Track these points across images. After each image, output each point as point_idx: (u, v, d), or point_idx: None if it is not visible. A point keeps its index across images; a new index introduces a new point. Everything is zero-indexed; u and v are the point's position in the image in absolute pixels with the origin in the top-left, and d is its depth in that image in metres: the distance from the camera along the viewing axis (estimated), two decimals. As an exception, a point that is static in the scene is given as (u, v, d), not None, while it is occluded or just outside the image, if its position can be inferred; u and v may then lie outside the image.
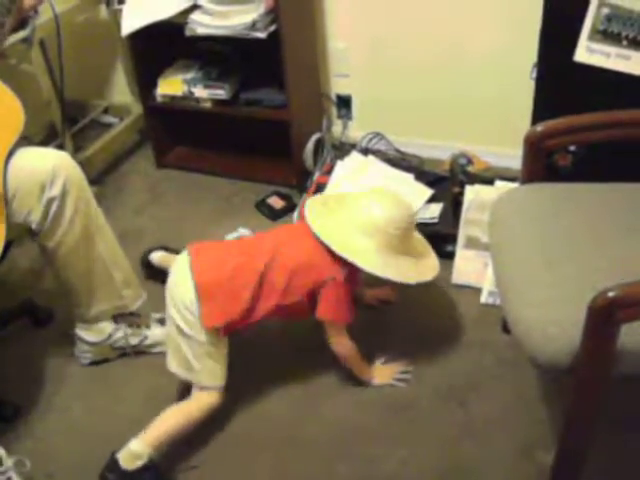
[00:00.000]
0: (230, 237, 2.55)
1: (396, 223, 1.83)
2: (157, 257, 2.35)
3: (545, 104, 2.11)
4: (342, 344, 1.92)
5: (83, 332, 2.07)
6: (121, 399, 1.99)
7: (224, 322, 1.77)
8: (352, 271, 1.85)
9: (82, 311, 2.03)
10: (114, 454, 1.72)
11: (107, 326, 2.06)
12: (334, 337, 1.91)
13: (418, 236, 2.04)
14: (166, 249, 2.39)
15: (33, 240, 1.91)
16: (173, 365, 1.85)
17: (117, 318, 2.08)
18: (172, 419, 1.78)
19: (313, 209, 1.92)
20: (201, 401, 1.83)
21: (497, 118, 2.75)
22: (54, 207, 1.83)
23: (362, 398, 1.98)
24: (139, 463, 1.71)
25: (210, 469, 1.83)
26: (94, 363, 2.12)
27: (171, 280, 1.85)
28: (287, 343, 2.16)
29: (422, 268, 1.94)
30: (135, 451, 1.71)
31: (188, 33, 2.55)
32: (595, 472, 1.67)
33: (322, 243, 1.83)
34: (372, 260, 1.81)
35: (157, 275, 2.29)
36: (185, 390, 1.91)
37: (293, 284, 1.82)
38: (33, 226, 1.83)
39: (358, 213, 1.85)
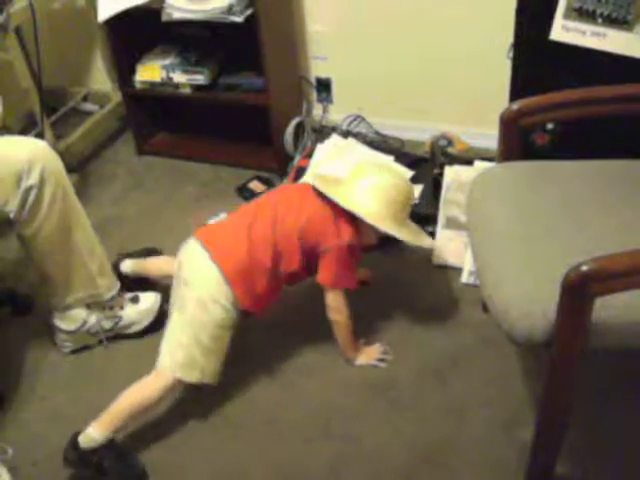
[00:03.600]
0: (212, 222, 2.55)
1: (402, 191, 1.88)
2: (128, 266, 2.24)
3: (522, 83, 2.11)
4: (340, 311, 1.92)
5: (59, 321, 2.06)
6: (103, 386, 1.98)
7: (264, 304, 1.88)
8: (356, 241, 1.87)
9: (57, 299, 2.02)
10: (76, 434, 1.74)
11: (80, 313, 2.05)
12: (333, 303, 1.92)
13: None
14: (129, 255, 2.28)
15: (11, 229, 1.91)
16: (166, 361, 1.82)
17: (90, 304, 2.07)
18: (127, 402, 1.76)
19: (319, 181, 1.93)
20: (161, 383, 1.79)
21: (477, 99, 2.75)
22: (32, 196, 1.82)
23: (344, 378, 1.99)
24: (94, 445, 1.72)
25: (190, 451, 1.83)
26: (75, 351, 2.12)
27: (187, 274, 1.84)
28: (270, 323, 2.16)
29: (421, 236, 1.96)
30: (90, 435, 1.73)
31: (164, 18, 2.53)
32: (575, 446, 1.69)
33: (330, 209, 1.85)
34: (387, 222, 1.84)
35: (136, 284, 2.23)
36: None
37: (301, 247, 1.85)
38: (11, 215, 1.83)
39: (366, 181, 1.87)
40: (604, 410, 1.82)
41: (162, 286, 2.18)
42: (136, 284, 2.22)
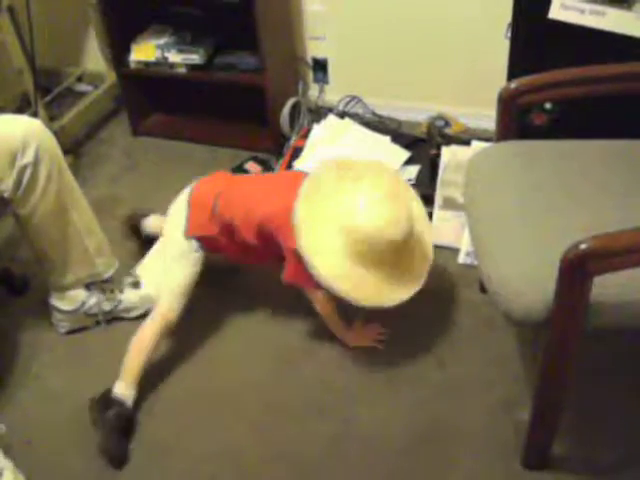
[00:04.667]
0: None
1: (377, 239, 1.72)
2: (152, 224, 2.27)
3: (520, 63, 2.10)
4: (317, 301, 1.93)
5: (57, 301, 2.06)
6: (98, 367, 1.98)
7: (199, 234, 1.96)
8: None
9: (55, 279, 2.02)
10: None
11: (80, 293, 2.05)
12: (310, 297, 1.93)
13: (420, 240, 1.89)
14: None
15: (6, 209, 1.89)
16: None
17: (90, 285, 2.06)
18: (136, 350, 1.88)
19: (319, 179, 1.84)
20: (157, 319, 1.92)
21: (474, 79, 2.73)
22: (27, 175, 1.80)
23: (340, 360, 1.98)
24: (120, 396, 1.81)
25: (186, 432, 1.83)
26: (72, 332, 2.11)
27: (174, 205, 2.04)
28: (267, 305, 2.16)
29: (389, 288, 1.81)
30: (119, 387, 1.83)
31: (159, -4, 2.52)
32: (572, 426, 1.69)
33: None
34: (329, 265, 1.75)
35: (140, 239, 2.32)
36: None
37: (265, 232, 1.88)
38: (6, 195, 1.81)
39: (348, 207, 1.75)
40: (602, 390, 1.82)
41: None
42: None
